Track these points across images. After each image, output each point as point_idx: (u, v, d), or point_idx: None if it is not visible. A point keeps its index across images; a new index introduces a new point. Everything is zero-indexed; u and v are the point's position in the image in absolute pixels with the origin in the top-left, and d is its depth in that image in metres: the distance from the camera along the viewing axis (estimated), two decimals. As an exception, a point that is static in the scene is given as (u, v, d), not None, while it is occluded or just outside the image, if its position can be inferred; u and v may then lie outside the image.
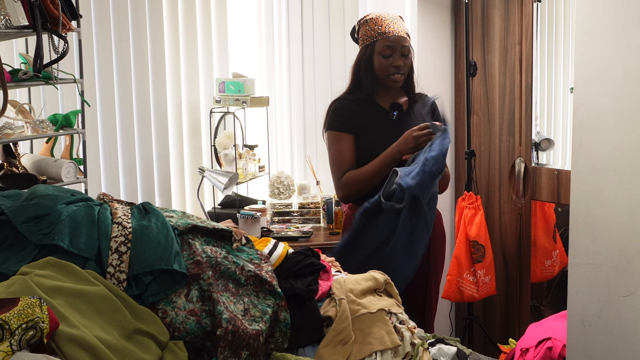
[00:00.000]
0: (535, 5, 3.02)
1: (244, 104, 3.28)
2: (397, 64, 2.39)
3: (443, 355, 1.79)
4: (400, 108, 2.47)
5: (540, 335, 2.45)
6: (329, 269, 1.81)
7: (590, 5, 1.94)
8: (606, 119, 1.93)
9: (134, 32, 3.24)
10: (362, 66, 2.44)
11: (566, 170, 2.91)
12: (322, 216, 3.46)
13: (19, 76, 2.21)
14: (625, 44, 1.87)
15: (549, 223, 3.21)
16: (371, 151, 2.41)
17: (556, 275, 3.22)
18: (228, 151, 3.36)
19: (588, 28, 1.96)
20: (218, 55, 3.52)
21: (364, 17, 2.46)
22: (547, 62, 3.12)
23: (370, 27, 2.41)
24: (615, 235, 1.94)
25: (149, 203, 1.66)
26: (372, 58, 2.41)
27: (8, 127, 2.29)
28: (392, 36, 2.39)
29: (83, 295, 1.30)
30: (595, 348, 2.02)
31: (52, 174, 2.42)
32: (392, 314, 1.70)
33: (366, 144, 2.42)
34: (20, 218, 1.44)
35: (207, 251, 1.56)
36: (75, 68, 2.77)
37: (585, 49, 1.97)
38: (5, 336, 1.10)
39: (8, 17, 2.07)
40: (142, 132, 3.31)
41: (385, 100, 2.48)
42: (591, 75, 1.97)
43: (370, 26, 2.41)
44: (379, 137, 2.42)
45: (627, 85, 1.87)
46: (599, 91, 1.95)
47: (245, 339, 1.41)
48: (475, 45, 3.27)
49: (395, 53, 2.40)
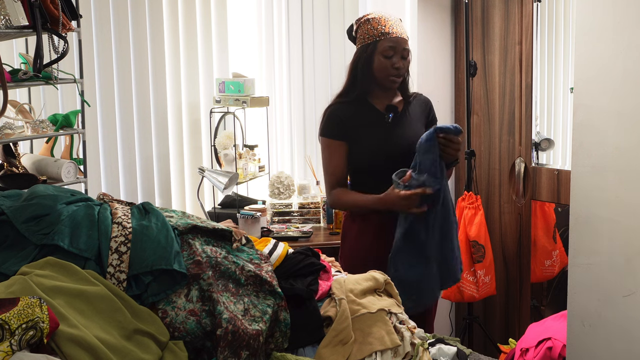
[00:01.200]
0: (535, 5, 3.02)
1: (244, 104, 3.28)
2: (397, 65, 2.38)
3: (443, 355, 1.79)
4: (395, 110, 2.44)
5: (540, 335, 2.45)
6: (329, 269, 1.81)
7: (590, 5, 1.94)
8: (606, 119, 1.93)
9: (134, 32, 3.24)
10: (360, 65, 2.42)
11: (566, 170, 2.91)
12: (322, 216, 3.46)
13: (19, 76, 2.21)
14: (625, 44, 1.87)
15: (549, 223, 3.21)
16: (366, 154, 2.40)
17: (556, 275, 3.22)
18: (228, 151, 3.36)
19: (588, 28, 1.96)
20: (218, 55, 3.53)
21: (365, 16, 2.45)
22: (547, 62, 3.12)
23: (372, 26, 2.40)
24: (615, 235, 1.94)
25: (149, 203, 1.66)
26: (372, 57, 2.40)
27: (8, 127, 2.29)
28: (395, 37, 2.38)
29: (83, 295, 1.30)
30: (595, 348, 2.02)
31: (52, 174, 2.42)
32: (392, 314, 1.70)
33: (361, 147, 2.41)
34: (20, 218, 1.44)
35: (207, 251, 1.56)
36: (75, 68, 2.77)
37: (585, 49, 1.97)
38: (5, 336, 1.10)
39: (8, 17, 2.08)
40: (142, 132, 3.31)
41: (380, 102, 2.46)
42: (591, 76, 1.97)
43: (372, 25, 2.40)
44: (373, 140, 2.40)
45: (627, 86, 1.87)
46: (599, 91, 1.95)
47: (245, 339, 1.41)
48: (475, 45, 3.27)
49: (396, 54, 2.38)
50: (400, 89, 2.50)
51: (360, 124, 2.42)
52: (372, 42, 2.39)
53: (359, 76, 2.43)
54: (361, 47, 2.43)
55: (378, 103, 2.46)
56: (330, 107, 2.48)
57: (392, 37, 2.38)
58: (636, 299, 1.90)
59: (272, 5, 3.64)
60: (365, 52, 2.41)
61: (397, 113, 2.45)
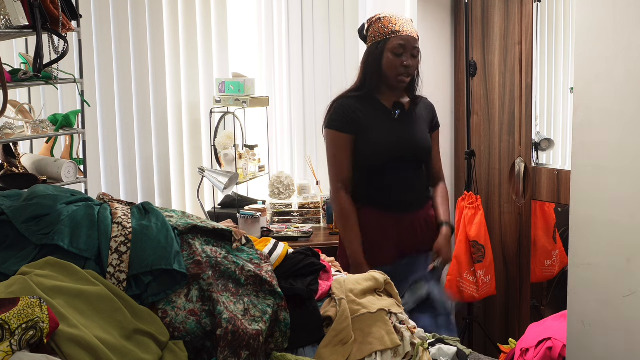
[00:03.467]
0: (535, 5, 3.02)
1: (244, 104, 3.28)
2: (407, 63, 2.40)
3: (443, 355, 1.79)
4: (402, 107, 2.47)
5: (540, 335, 2.45)
6: (329, 269, 1.81)
7: (590, 5, 1.94)
8: (606, 119, 1.93)
9: (134, 32, 3.24)
10: (370, 62, 2.43)
11: (566, 170, 2.91)
12: (322, 216, 3.46)
13: (19, 76, 2.21)
14: (625, 44, 1.87)
15: (549, 223, 3.21)
16: (373, 148, 2.41)
17: (556, 275, 3.22)
18: (228, 151, 3.36)
19: (588, 28, 1.96)
20: (218, 55, 3.53)
21: (376, 15, 2.47)
22: (547, 62, 3.11)
23: (383, 24, 2.42)
24: (615, 235, 1.94)
25: (149, 203, 1.66)
26: (382, 55, 2.41)
27: (8, 127, 2.29)
28: (405, 35, 2.40)
29: (83, 295, 1.30)
30: (595, 348, 2.02)
31: (52, 174, 2.42)
32: (392, 314, 1.70)
33: (367, 142, 2.42)
34: (20, 218, 1.44)
35: (207, 251, 1.56)
36: (75, 68, 2.77)
37: (585, 49, 1.97)
38: (5, 336, 1.10)
39: (8, 17, 2.07)
40: (142, 132, 3.31)
41: (388, 99, 2.48)
42: (591, 76, 1.96)
43: (383, 24, 2.42)
44: (379, 134, 2.42)
45: (627, 85, 1.87)
46: (599, 91, 1.94)
47: (245, 339, 1.41)
48: (475, 45, 3.27)
49: (406, 52, 2.40)
50: (407, 90, 2.52)
51: (368, 118, 2.43)
52: (382, 40, 2.41)
53: (369, 73, 2.44)
54: (372, 45, 2.45)
55: (385, 100, 2.48)
56: (337, 99, 2.49)
57: (402, 35, 2.40)
58: (636, 299, 1.90)
59: (272, 5, 3.64)
60: (376, 49, 2.42)
61: (404, 110, 2.47)
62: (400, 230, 2.44)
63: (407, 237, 2.45)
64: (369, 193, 2.44)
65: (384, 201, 2.44)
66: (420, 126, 2.50)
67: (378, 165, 2.43)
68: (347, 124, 2.42)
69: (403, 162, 2.44)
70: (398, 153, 2.43)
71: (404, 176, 2.45)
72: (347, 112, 2.43)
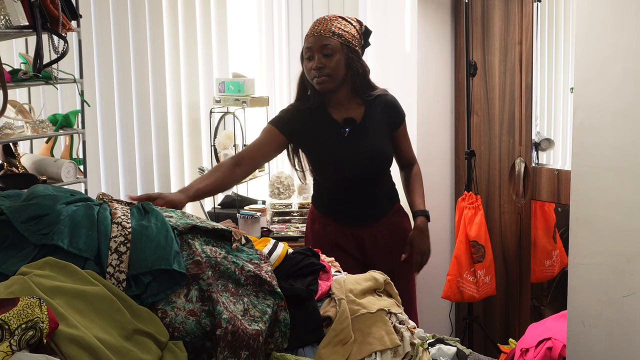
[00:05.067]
0: (535, 5, 3.02)
1: (243, 104, 3.28)
2: (318, 64, 2.24)
3: (443, 355, 1.79)
4: (353, 123, 2.33)
5: (540, 335, 2.45)
6: (329, 269, 1.81)
7: (590, 5, 1.94)
8: (606, 119, 1.93)
9: (134, 32, 3.24)
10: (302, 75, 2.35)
11: (566, 170, 2.91)
12: (322, 216, 3.45)
13: (19, 76, 2.21)
14: (625, 44, 1.87)
15: (549, 223, 3.21)
16: (325, 167, 2.36)
17: (556, 275, 3.22)
18: (228, 151, 3.36)
19: (588, 28, 1.96)
20: (218, 55, 3.52)
21: None
22: (547, 62, 3.12)
23: None
24: (615, 235, 1.94)
25: (149, 203, 1.66)
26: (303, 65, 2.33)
27: (8, 127, 2.29)
28: (311, 37, 2.28)
29: (83, 296, 1.30)
30: (595, 348, 2.02)
31: (52, 174, 2.42)
32: (392, 314, 1.70)
33: (319, 161, 2.37)
34: (20, 218, 1.44)
35: (207, 251, 1.56)
36: (75, 68, 2.77)
37: (585, 49, 1.97)
38: (4, 336, 1.10)
39: (8, 17, 2.07)
40: (142, 132, 3.31)
41: (338, 112, 2.34)
42: (591, 75, 1.96)
43: None
44: (332, 155, 2.32)
45: (627, 85, 1.87)
46: (599, 91, 1.94)
47: (244, 339, 1.41)
48: (475, 45, 3.27)
49: (315, 53, 2.26)
50: (357, 93, 2.35)
51: (317, 133, 2.34)
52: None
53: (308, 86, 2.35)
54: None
55: (335, 113, 2.35)
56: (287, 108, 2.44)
57: (308, 38, 2.30)
58: (636, 299, 1.90)
59: (272, 5, 3.64)
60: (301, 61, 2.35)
61: (356, 125, 2.34)
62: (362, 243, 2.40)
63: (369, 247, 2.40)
64: (329, 205, 2.43)
65: (344, 216, 2.40)
66: (377, 136, 2.35)
67: (333, 182, 2.39)
68: (285, 128, 2.33)
69: (360, 177, 2.35)
70: (352, 172, 2.33)
71: (364, 191, 2.37)
72: (292, 119, 2.34)
